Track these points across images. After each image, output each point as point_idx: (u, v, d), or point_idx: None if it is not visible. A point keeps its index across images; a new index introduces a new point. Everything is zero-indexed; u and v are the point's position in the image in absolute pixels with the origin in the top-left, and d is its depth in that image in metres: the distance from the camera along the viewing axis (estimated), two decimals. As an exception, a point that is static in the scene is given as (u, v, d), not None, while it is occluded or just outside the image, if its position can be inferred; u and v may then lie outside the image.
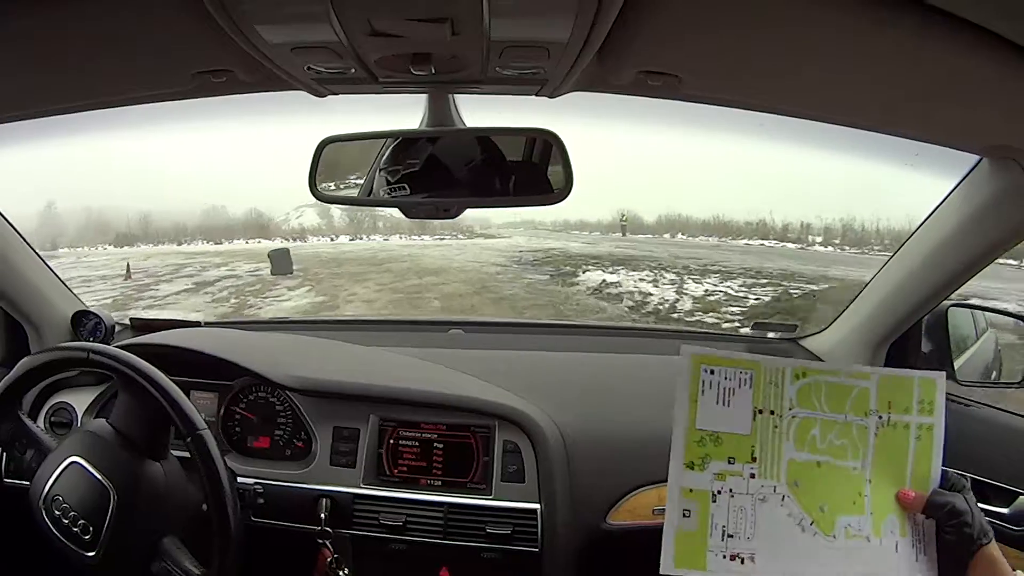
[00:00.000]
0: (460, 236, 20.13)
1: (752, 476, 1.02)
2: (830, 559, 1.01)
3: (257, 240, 19.20)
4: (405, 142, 1.29)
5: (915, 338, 1.75)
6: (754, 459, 1.02)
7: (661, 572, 1.01)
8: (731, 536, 1.01)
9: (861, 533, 1.02)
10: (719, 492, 1.02)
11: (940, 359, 1.71)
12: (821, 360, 1.89)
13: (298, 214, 21.30)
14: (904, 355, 1.75)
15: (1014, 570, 1.00)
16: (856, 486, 1.03)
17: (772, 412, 1.03)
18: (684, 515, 1.01)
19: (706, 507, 1.01)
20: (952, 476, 1.05)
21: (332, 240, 20.06)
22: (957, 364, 1.71)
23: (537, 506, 1.50)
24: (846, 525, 1.01)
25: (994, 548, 1.00)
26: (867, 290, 1.77)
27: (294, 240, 19.45)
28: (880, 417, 1.03)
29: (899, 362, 1.74)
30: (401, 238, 19.77)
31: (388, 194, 1.30)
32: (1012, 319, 1.89)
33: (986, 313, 1.93)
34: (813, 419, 1.03)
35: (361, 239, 20.03)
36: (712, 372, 1.03)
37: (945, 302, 1.65)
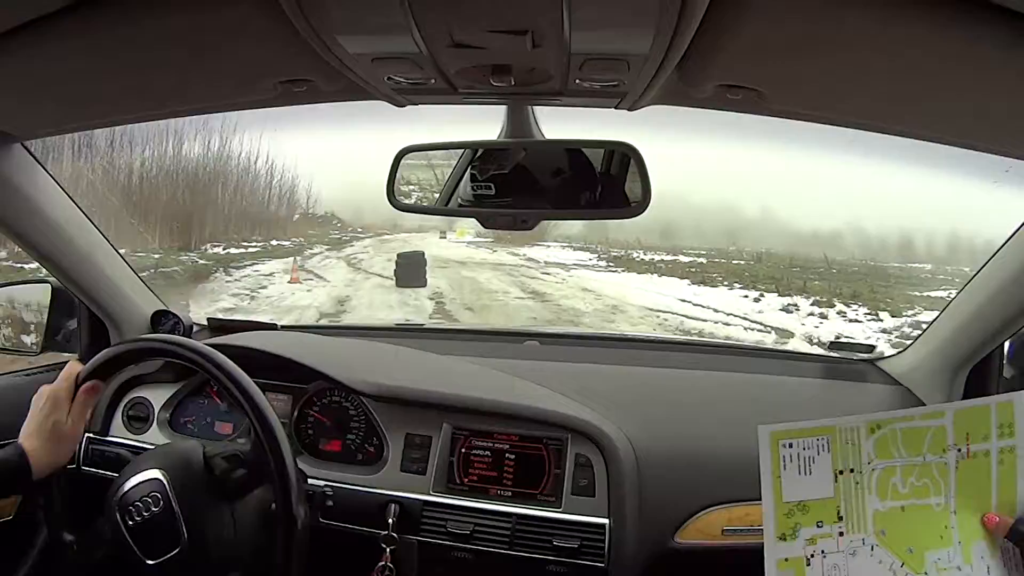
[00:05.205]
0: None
1: (841, 534, 1.04)
2: None
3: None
4: (488, 153, 1.31)
5: (997, 362, 1.69)
6: (840, 518, 1.04)
7: None
8: None
9: (951, 564, 1.03)
10: (812, 556, 1.04)
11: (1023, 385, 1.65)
12: (899, 383, 1.84)
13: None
14: (985, 380, 1.67)
15: None
16: (942, 520, 1.04)
17: (852, 470, 1.05)
18: None
19: (801, 572, 1.04)
20: None
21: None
22: (1043, 391, 1.64)
23: (606, 521, 1.49)
24: (935, 560, 1.03)
25: None
26: (948, 310, 1.70)
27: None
28: (959, 450, 1.04)
29: (979, 387, 1.67)
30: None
31: (473, 196, 1.32)
32: None
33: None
34: (892, 467, 1.05)
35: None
36: (790, 445, 1.05)
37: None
